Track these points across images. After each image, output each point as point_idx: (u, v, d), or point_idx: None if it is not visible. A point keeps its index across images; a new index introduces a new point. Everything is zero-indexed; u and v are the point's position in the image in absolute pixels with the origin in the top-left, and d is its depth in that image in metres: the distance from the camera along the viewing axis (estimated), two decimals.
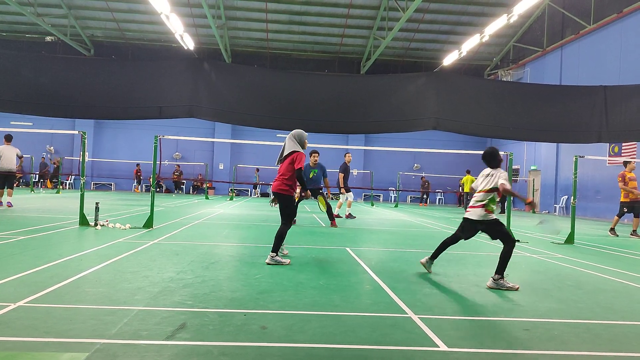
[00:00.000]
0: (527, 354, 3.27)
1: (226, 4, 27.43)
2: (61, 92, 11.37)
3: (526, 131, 13.08)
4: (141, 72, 12.02)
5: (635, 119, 13.00)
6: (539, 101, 12.89)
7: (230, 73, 12.74)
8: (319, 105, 12.10)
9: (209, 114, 12.08)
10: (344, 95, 12.24)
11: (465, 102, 12.50)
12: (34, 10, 26.58)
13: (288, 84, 12.48)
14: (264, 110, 11.91)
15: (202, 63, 12.12)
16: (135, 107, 11.61)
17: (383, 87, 12.41)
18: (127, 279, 4.95)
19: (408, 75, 14.55)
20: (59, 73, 11.64)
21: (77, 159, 29.28)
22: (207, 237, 8.85)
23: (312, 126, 12.47)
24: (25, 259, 5.76)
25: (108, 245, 7.15)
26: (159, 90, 11.63)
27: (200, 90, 11.67)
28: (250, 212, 16.33)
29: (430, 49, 31.83)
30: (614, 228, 12.94)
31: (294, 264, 6.31)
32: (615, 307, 4.70)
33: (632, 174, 12.67)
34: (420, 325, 3.79)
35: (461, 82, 13.73)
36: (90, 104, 11.46)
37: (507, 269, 5.74)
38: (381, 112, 11.63)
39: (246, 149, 33.16)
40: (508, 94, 13.38)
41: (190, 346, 3.13)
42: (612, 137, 13.35)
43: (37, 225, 9.23)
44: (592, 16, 22.82)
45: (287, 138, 6.67)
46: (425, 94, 12.31)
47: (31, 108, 11.62)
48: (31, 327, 3.37)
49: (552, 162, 26.30)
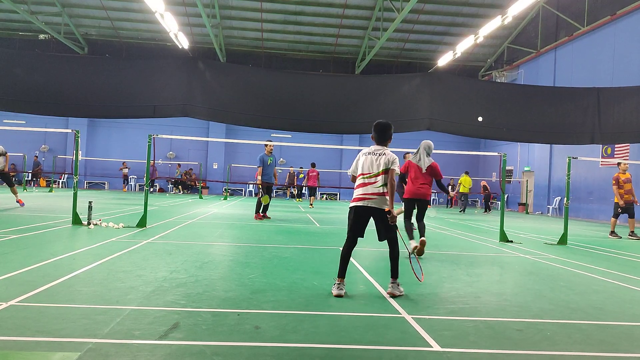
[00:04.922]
0: (520, 354, 3.29)
1: (221, 3, 27.38)
2: (54, 91, 11.32)
3: (520, 132, 13.15)
4: (135, 71, 11.99)
5: (628, 121, 13.10)
6: (533, 102, 12.96)
7: (224, 72, 12.74)
8: (313, 105, 12.12)
9: (203, 113, 12.07)
10: (339, 95, 12.27)
11: (459, 103, 12.55)
12: (27, 8, 26.41)
13: (283, 84, 12.49)
14: (258, 110, 11.92)
15: (197, 62, 12.11)
16: (129, 106, 11.58)
17: (377, 88, 12.44)
18: (120, 279, 4.93)
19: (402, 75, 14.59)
20: (53, 71, 11.59)
21: (70, 158, 29.12)
22: (200, 237, 8.82)
23: (306, 126, 12.52)
24: (17, 258, 5.73)
25: (101, 245, 7.12)
26: (153, 89, 11.60)
27: (195, 90, 11.65)
28: (244, 211, 16.31)
29: (424, 50, 31.90)
30: (614, 231, 12.94)
31: (288, 264, 6.31)
32: (607, 308, 4.73)
33: (627, 175, 12.71)
34: (414, 325, 3.80)
35: (455, 83, 13.79)
36: (84, 103, 11.42)
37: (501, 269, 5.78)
38: (375, 112, 11.63)
39: (240, 148, 33.10)
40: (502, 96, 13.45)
41: (183, 346, 3.12)
42: (605, 138, 13.45)
43: (29, 224, 9.17)
44: (586, 18, 22.95)
45: (421, 148, 7.82)
46: (420, 95, 12.35)
47: (24, 106, 11.57)
48: (23, 326, 3.35)
49: (545, 163, 26.43)
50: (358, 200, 4.90)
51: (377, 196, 4.85)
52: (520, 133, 13.21)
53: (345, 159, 33.19)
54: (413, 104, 12.29)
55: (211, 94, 11.82)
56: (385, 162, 4.91)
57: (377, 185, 4.87)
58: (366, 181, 4.91)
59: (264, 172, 12.91)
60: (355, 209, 4.92)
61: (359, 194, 4.92)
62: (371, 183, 4.89)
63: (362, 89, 12.41)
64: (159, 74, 11.85)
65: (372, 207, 4.85)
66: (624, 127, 13.05)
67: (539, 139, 14.53)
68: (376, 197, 4.85)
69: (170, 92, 11.59)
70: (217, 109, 11.89)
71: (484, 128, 12.72)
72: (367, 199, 4.85)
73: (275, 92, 12.05)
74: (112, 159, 31.91)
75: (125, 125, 31.92)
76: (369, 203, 4.85)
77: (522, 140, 19.26)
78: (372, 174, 4.90)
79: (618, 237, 12.62)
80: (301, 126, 12.53)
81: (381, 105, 11.95)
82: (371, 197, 4.84)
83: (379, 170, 4.89)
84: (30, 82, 11.20)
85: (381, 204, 4.86)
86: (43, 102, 11.24)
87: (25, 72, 11.33)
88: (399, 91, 12.39)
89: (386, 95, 12.25)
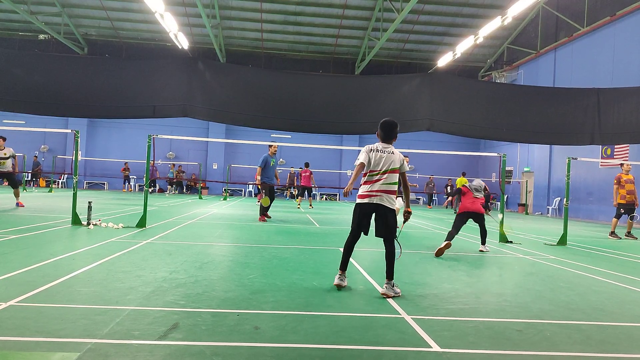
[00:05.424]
0: (520, 354, 3.29)
1: (221, 4, 27.38)
2: (54, 91, 11.31)
3: (519, 133, 13.14)
4: (135, 71, 11.97)
5: (628, 121, 13.09)
6: (533, 103, 12.95)
7: (224, 73, 12.71)
8: (313, 105, 12.11)
9: (203, 113, 12.06)
10: (338, 95, 12.26)
11: (459, 103, 12.54)
12: (27, 8, 26.41)
13: (282, 84, 12.48)
14: (258, 110, 11.90)
15: (197, 62, 12.09)
16: (129, 106, 11.57)
17: (377, 88, 12.43)
18: (120, 279, 4.92)
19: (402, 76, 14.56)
20: (52, 71, 11.57)
21: (70, 158, 29.11)
22: (200, 237, 8.82)
23: (306, 126, 12.51)
24: (17, 258, 5.72)
25: (100, 245, 7.12)
26: (153, 90, 11.59)
27: (195, 90, 11.64)
28: (244, 212, 16.31)
29: (424, 50, 31.91)
30: (614, 231, 12.94)
31: (287, 265, 6.31)
32: (607, 309, 4.73)
33: (629, 176, 12.72)
34: (414, 326, 3.80)
35: (455, 84, 13.77)
36: (84, 103, 11.40)
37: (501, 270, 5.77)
38: (375, 113, 11.63)
39: (240, 148, 33.10)
40: (502, 96, 13.43)
41: (183, 346, 3.12)
42: (604, 139, 13.44)
43: (29, 224, 9.17)
44: (586, 19, 22.96)
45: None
46: (420, 95, 12.34)
47: (24, 106, 11.55)
48: (22, 326, 3.34)
49: (545, 163, 26.44)
50: (365, 197, 4.97)
51: (384, 193, 4.92)
52: (520, 133, 13.20)
53: (345, 160, 33.20)
54: (413, 104, 12.28)
55: (211, 94, 11.81)
56: (395, 161, 5.00)
57: (384, 183, 4.94)
58: (374, 178, 4.97)
59: (266, 173, 12.90)
60: (361, 206, 5.00)
61: (365, 191, 4.98)
62: (378, 180, 4.95)
63: (362, 89, 12.40)
64: (158, 74, 11.83)
65: (378, 204, 4.92)
66: (624, 127, 13.04)
67: (538, 139, 14.52)
68: (382, 194, 4.92)
69: (170, 92, 11.58)
70: (216, 109, 11.88)
71: (484, 129, 12.72)
72: (373, 195, 4.92)
73: (275, 92, 12.04)
74: (111, 159, 31.90)
75: (125, 125, 31.92)
76: (374, 200, 4.92)
77: (521, 140, 19.26)
78: (380, 171, 4.96)
79: (618, 238, 12.61)
80: (301, 126, 12.52)
81: (381, 106, 11.94)
82: (377, 194, 4.92)
83: (388, 169, 4.96)
84: (30, 82, 11.18)
85: (387, 201, 4.92)
86: (43, 102, 11.22)
87: (25, 72, 11.32)
88: (399, 91, 12.38)
89: (386, 95, 12.24)
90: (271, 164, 12.93)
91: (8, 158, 13.70)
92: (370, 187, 4.95)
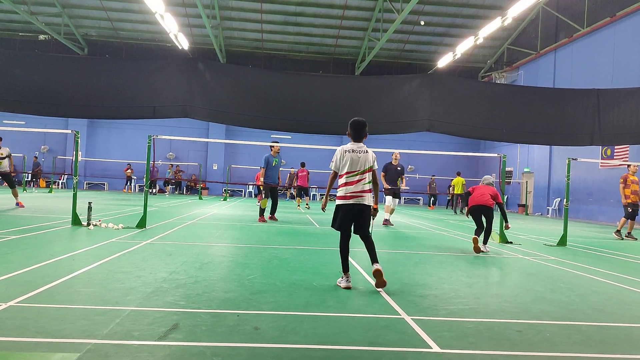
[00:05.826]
0: (520, 355, 3.28)
1: (221, 4, 27.39)
2: (54, 91, 11.31)
3: (519, 133, 13.15)
4: (135, 72, 11.98)
5: (628, 122, 13.10)
6: (533, 104, 12.96)
7: (224, 73, 12.73)
8: (313, 106, 12.11)
9: (203, 114, 12.06)
10: (338, 96, 12.26)
11: (459, 104, 12.55)
12: (27, 9, 26.43)
13: (282, 85, 12.48)
14: (258, 111, 11.91)
15: (197, 63, 12.10)
16: (129, 107, 11.58)
17: (377, 89, 12.44)
18: (120, 279, 4.92)
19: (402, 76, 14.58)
20: (53, 72, 11.58)
21: (70, 158, 29.12)
22: (200, 238, 8.82)
23: (306, 127, 12.52)
24: (17, 259, 5.72)
25: (100, 245, 7.11)
26: (153, 90, 11.59)
27: (195, 90, 11.64)
28: (244, 212, 16.31)
29: (424, 51, 31.92)
30: (620, 230, 12.95)
31: (287, 265, 6.31)
32: (607, 309, 4.73)
33: (634, 177, 12.73)
34: (414, 327, 3.80)
35: (455, 84, 13.78)
36: (84, 103, 11.41)
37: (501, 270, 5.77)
38: (375, 113, 11.65)
39: (240, 149, 33.11)
40: (502, 97, 13.44)
41: (183, 347, 3.12)
42: (604, 139, 13.45)
43: (29, 225, 9.17)
44: (586, 20, 22.97)
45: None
46: (420, 96, 12.34)
47: (24, 107, 11.56)
48: (22, 327, 3.34)
49: (545, 164, 26.44)
50: (349, 198, 5.08)
51: (366, 193, 5.11)
52: (520, 134, 13.22)
53: None
54: (413, 105, 12.29)
55: (211, 94, 11.82)
56: (369, 160, 5.19)
57: (364, 183, 5.11)
58: (354, 179, 5.09)
59: (269, 174, 12.83)
60: (345, 207, 5.10)
61: (349, 192, 5.09)
62: (359, 181, 5.09)
63: (362, 90, 12.41)
64: (158, 75, 11.84)
65: (364, 204, 5.08)
66: (624, 128, 13.06)
67: (538, 140, 14.54)
68: (365, 194, 5.10)
69: (170, 92, 11.59)
70: (217, 109, 11.89)
71: (484, 129, 12.74)
72: (358, 196, 5.06)
73: (275, 93, 12.04)
74: (111, 160, 31.91)
75: (125, 125, 31.93)
76: (360, 200, 5.07)
77: (521, 141, 19.28)
78: (358, 171, 5.11)
79: (620, 238, 12.62)
80: (301, 127, 12.53)
81: (381, 106, 11.95)
82: (361, 194, 5.07)
83: (365, 168, 5.13)
84: (30, 83, 11.19)
85: (368, 200, 5.12)
86: (43, 103, 11.23)
87: (25, 72, 11.32)
88: (399, 92, 12.39)
89: (386, 96, 12.24)
90: (273, 164, 12.87)
91: (5, 158, 13.71)
92: (354, 187, 5.08)
